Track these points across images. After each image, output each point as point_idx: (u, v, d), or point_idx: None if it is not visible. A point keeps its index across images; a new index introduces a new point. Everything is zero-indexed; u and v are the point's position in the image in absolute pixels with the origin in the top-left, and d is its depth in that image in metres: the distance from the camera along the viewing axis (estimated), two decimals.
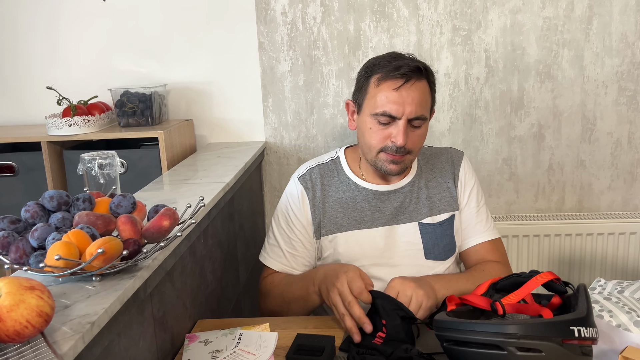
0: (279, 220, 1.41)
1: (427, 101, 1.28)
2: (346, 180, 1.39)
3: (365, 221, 1.36)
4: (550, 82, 2.04)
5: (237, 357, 1.02)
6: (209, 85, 2.13)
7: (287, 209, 1.40)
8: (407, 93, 1.24)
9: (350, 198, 1.37)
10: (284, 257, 1.39)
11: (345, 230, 1.35)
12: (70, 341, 0.70)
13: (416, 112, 1.24)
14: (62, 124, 1.87)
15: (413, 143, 1.28)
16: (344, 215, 1.36)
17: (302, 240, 1.38)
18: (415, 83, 1.24)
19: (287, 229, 1.39)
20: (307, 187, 1.38)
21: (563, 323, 0.83)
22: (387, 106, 1.25)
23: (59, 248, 0.80)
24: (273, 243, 1.41)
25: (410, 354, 1.00)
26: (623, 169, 2.10)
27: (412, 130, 1.27)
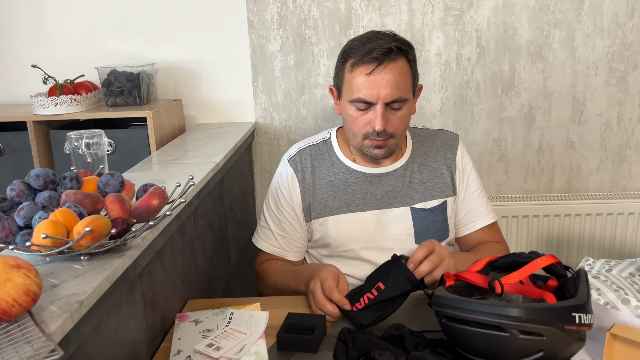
0: (269, 202, 1.41)
1: (405, 81, 1.24)
2: (337, 163, 1.38)
3: (356, 204, 1.34)
4: (541, 62, 2.03)
5: (228, 336, 1.02)
6: (197, 65, 2.11)
7: (277, 192, 1.39)
8: (381, 76, 1.20)
9: (341, 181, 1.36)
10: (275, 239, 1.38)
11: (335, 214, 1.34)
12: (58, 320, 0.69)
13: (392, 95, 1.21)
14: (48, 103, 1.84)
15: (394, 126, 1.26)
16: (334, 198, 1.35)
17: (292, 223, 1.37)
18: (388, 65, 1.21)
19: (277, 212, 1.38)
20: (297, 170, 1.37)
21: (566, 309, 0.83)
22: (361, 92, 1.22)
23: (45, 227, 0.79)
24: (264, 225, 1.41)
25: (402, 332, 1.00)
26: (612, 150, 2.11)
27: (392, 113, 1.24)
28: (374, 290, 1.11)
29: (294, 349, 1.01)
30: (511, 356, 0.85)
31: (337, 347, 0.99)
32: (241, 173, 1.99)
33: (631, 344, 0.89)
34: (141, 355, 1.00)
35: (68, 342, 0.73)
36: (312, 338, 1.00)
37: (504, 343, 0.83)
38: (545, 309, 0.83)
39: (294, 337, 1.01)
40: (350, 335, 1.00)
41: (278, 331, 1.03)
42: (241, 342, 0.99)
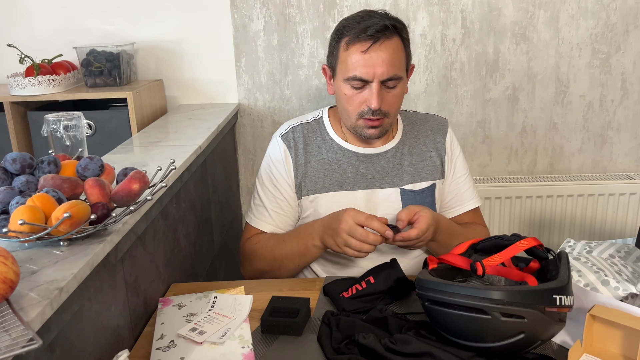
0: (262, 180, 1.39)
1: (400, 59, 1.24)
2: (329, 141, 1.37)
3: (347, 183, 1.35)
4: (525, 44, 2.03)
5: (212, 320, 1.01)
6: (179, 44, 2.07)
7: (270, 168, 1.37)
8: (377, 54, 1.20)
9: (332, 159, 1.35)
10: (270, 217, 1.36)
11: (326, 191, 1.34)
12: (37, 307, 0.68)
13: (388, 73, 1.21)
14: (25, 84, 1.80)
15: (389, 105, 1.26)
16: (325, 176, 1.35)
17: (288, 199, 1.36)
18: (384, 42, 1.21)
19: (273, 188, 1.36)
20: (290, 146, 1.36)
21: (547, 291, 0.84)
22: (357, 70, 1.22)
23: (23, 212, 0.77)
24: (258, 204, 1.39)
25: (385, 314, 1.01)
26: (594, 131, 2.13)
27: (387, 91, 1.25)
28: (364, 283, 1.13)
29: (278, 332, 1.01)
30: (493, 338, 0.86)
31: (321, 330, 1.00)
32: (225, 155, 1.97)
33: (610, 325, 0.91)
34: (124, 340, 1.00)
35: (48, 329, 0.72)
36: (296, 321, 1.00)
37: (486, 325, 0.84)
38: (527, 292, 0.84)
39: (278, 321, 1.01)
40: (334, 318, 1.01)
41: (262, 314, 1.03)
42: (225, 326, 0.99)
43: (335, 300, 1.11)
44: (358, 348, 0.92)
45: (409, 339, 0.90)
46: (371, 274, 1.15)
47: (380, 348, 0.89)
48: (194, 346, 0.94)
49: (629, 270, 1.09)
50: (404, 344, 0.90)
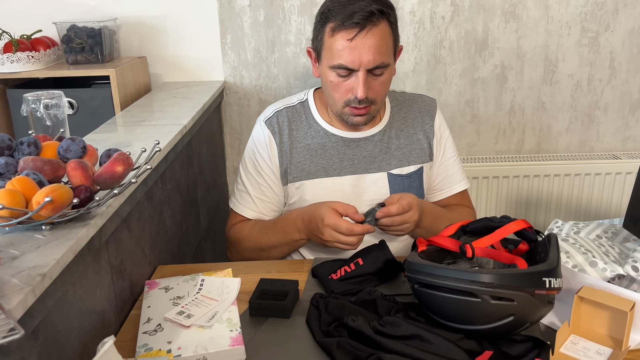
0: (246, 166, 1.36)
1: (387, 46, 1.19)
2: (315, 126, 1.34)
3: (333, 169, 1.32)
4: (515, 22, 2.01)
5: (200, 303, 1.00)
6: (162, 20, 2.01)
7: (254, 154, 1.34)
8: (363, 42, 1.16)
9: (318, 144, 1.32)
10: (254, 203, 1.35)
11: (312, 178, 1.32)
12: (19, 294, 0.66)
13: (375, 61, 1.17)
14: (3, 60, 1.74)
15: (376, 92, 1.23)
16: (311, 162, 1.32)
17: (272, 186, 1.34)
18: (371, 29, 1.16)
19: (256, 175, 1.34)
20: (274, 131, 1.33)
21: (536, 274, 0.84)
22: (342, 58, 1.18)
23: (2, 196, 0.75)
24: (242, 189, 1.36)
25: (374, 296, 1.00)
26: (581, 111, 2.13)
27: (373, 78, 1.21)
28: (352, 265, 1.12)
29: (266, 314, 1.00)
30: (482, 321, 0.85)
31: (310, 312, 0.99)
32: (210, 134, 1.94)
33: (597, 306, 0.91)
34: (110, 324, 0.98)
35: (30, 316, 0.70)
36: (284, 304, 0.99)
37: (476, 308, 0.84)
38: (517, 275, 0.84)
39: (267, 303, 1.00)
40: (323, 301, 1.00)
41: (250, 297, 1.02)
42: (213, 309, 0.98)
43: (323, 282, 1.11)
44: (347, 330, 0.92)
45: (398, 321, 0.90)
46: (360, 255, 1.15)
47: (370, 331, 0.89)
48: (182, 330, 0.93)
49: (616, 251, 1.09)
50: (393, 326, 0.89)
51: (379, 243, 1.17)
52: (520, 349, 0.86)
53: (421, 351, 0.84)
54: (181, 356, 0.86)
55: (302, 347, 0.92)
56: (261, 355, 0.90)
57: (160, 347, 0.89)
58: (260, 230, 1.31)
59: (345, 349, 0.88)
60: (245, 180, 1.36)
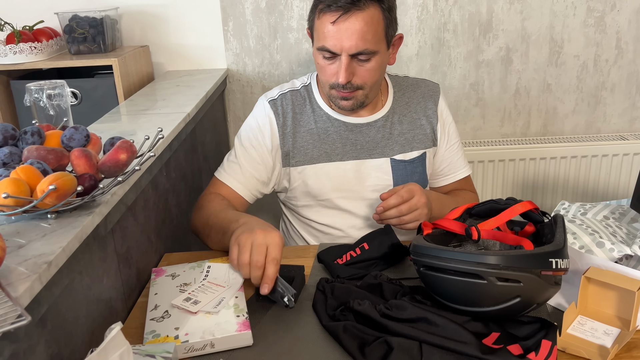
0: (242, 140, 1.33)
1: (374, 32, 1.16)
2: (318, 110, 1.33)
3: (336, 154, 1.31)
4: (519, 3, 1.99)
5: (206, 289, 1.00)
6: (164, 8, 2.00)
7: (252, 129, 1.32)
8: (346, 26, 1.13)
9: (321, 129, 1.31)
10: (242, 175, 1.30)
11: (315, 163, 1.31)
12: (26, 282, 0.67)
13: (357, 47, 1.15)
14: (6, 52, 1.74)
15: (362, 78, 1.20)
16: (314, 147, 1.31)
17: (265, 164, 1.31)
18: (355, 14, 1.13)
19: (251, 150, 1.31)
20: (277, 113, 1.31)
21: (543, 255, 0.84)
22: (326, 41, 1.16)
23: (7, 185, 0.75)
24: (233, 160, 1.32)
25: (380, 280, 1.00)
26: (588, 92, 2.11)
27: (359, 64, 1.19)
28: (358, 249, 1.13)
29: (273, 300, 1.00)
30: (488, 303, 0.85)
31: (316, 297, 0.99)
32: (214, 122, 1.93)
33: (605, 287, 0.91)
34: (117, 312, 0.99)
35: (38, 303, 0.70)
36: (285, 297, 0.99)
37: (482, 290, 0.84)
38: (523, 256, 0.83)
39: (273, 289, 1.00)
40: (329, 285, 1.00)
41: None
42: (219, 295, 0.98)
43: (329, 267, 1.11)
44: (353, 314, 0.92)
45: (404, 304, 0.90)
46: (365, 240, 1.15)
47: (376, 314, 0.89)
48: (189, 316, 0.93)
49: (623, 231, 1.08)
50: (399, 309, 0.89)
51: (384, 228, 1.16)
52: (528, 331, 0.86)
53: (428, 334, 0.84)
54: (189, 342, 0.87)
55: (309, 332, 0.92)
56: (268, 340, 0.91)
57: (167, 333, 0.89)
58: (220, 209, 1.21)
59: (352, 332, 0.88)
60: (239, 152, 1.31)
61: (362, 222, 1.33)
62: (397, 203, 1.15)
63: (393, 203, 1.15)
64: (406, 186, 1.17)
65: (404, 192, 1.16)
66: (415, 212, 1.16)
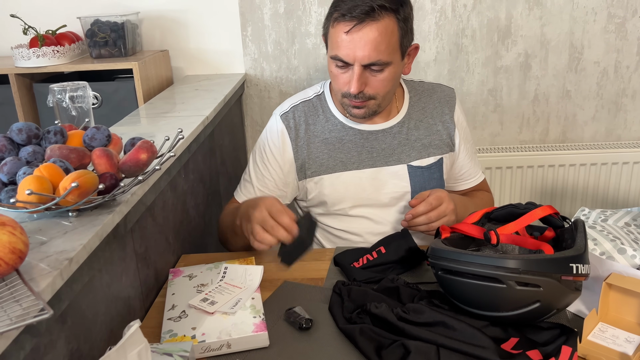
0: (255, 156, 1.35)
1: (387, 43, 1.14)
2: (332, 119, 1.31)
3: (351, 162, 1.30)
4: (538, 9, 1.97)
5: (223, 290, 1.01)
6: (184, 14, 2.03)
7: (264, 146, 1.33)
8: (359, 37, 1.12)
9: (336, 138, 1.30)
10: (254, 194, 1.32)
11: (331, 172, 1.30)
12: (47, 278, 0.68)
13: (370, 58, 1.13)
14: (29, 55, 1.77)
15: (374, 88, 1.19)
16: (329, 157, 1.30)
17: (276, 180, 1.31)
18: (369, 24, 1.12)
19: (262, 167, 1.32)
20: (289, 126, 1.30)
21: (563, 260, 0.83)
22: (339, 50, 1.15)
23: (30, 182, 0.76)
24: (247, 179, 1.35)
25: (397, 284, 1.00)
26: (608, 99, 2.08)
27: (372, 75, 1.18)
28: (375, 253, 1.12)
29: (294, 255, 1.03)
30: (508, 307, 0.84)
31: (333, 299, 0.99)
32: (232, 126, 1.95)
33: (626, 293, 0.89)
34: (135, 311, 1.00)
35: (59, 299, 0.71)
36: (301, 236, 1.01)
37: (501, 294, 0.83)
38: (543, 260, 0.83)
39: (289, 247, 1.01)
40: (345, 288, 1.00)
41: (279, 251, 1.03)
42: (236, 296, 0.99)
43: (346, 270, 1.11)
44: (370, 317, 0.92)
45: (422, 308, 0.89)
46: (382, 244, 1.14)
47: (393, 317, 0.88)
48: (206, 316, 0.93)
49: None
50: (416, 313, 0.89)
51: (401, 231, 1.16)
52: (547, 336, 0.85)
53: (445, 337, 0.84)
54: (205, 342, 0.87)
55: (325, 334, 0.92)
56: (284, 341, 0.91)
57: (184, 332, 0.90)
58: (228, 212, 1.28)
59: (369, 335, 0.87)
60: (252, 170, 1.34)
61: (381, 228, 1.32)
62: (426, 210, 1.15)
63: (422, 210, 1.15)
64: (434, 193, 1.17)
65: (433, 199, 1.15)
66: (444, 219, 1.16)
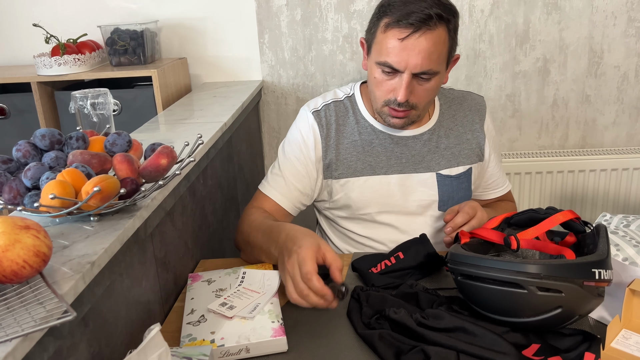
0: (286, 151, 1.31)
1: (439, 53, 1.13)
2: (362, 122, 1.30)
3: (380, 167, 1.28)
4: (557, 13, 1.96)
5: (241, 295, 1.01)
6: (202, 21, 2.05)
7: (297, 142, 1.30)
8: (414, 44, 1.11)
9: (366, 141, 1.29)
10: (286, 187, 1.28)
11: (359, 175, 1.28)
12: (70, 281, 0.68)
13: (422, 67, 1.12)
14: (51, 63, 1.81)
15: (419, 98, 1.18)
16: (358, 160, 1.28)
17: (310, 177, 1.29)
18: (425, 33, 1.10)
19: (296, 162, 1.29)
20: (321, 124, 1.29)
21: (586, 265, 0.81)
22: (390, 57, 1.13)
23: (53, 187, 0.77)
24: (277, 173, 1.30)
25: (416, 289, 0.99)
26: (629, 103, 2.05)
27: (419, 83, 1.16)
28: (393, 259, 1.12)
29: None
30: (529, 313, 0.83)
31: (351, 305, 0.99)
32: (249, 133, 1.96)
33: None
34: (155, 315, 1.00)
35: (81, 302, 0.72)
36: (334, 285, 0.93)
37: (522, 300, 0.82)
38: (565, 265, 0.81)
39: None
40: (364, 294, 1.00)
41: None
42: (254, 301, 0.99)
43: (364, 275, 1.10)
44: (389, 323, 0.91)
45: (441, 313, 0.89)
46: (400, 249, 1.14)
47: (412, 323, 0.88)
48: (224, 321, 0.94)
49: None
50: (436, 318, 0.88)
51: (420, 237, 1.15)
52: (569, 343, 0.84)
53: (465, 343, 0.83)
54: (224, 346, 0.88)
55: (344, 339, 0.92)
56: (303, 346, 0.91)
57: (204, 337, 0.90)
58: (257, 226, 1.19)
59: (388, 340, 0.87)
60: (283, 165, 1.30)
61: (406, 237, 1.28)
62: (465, 221, 1.14)
63: (461, 221, 1.14)
64: (467, 204, 1.17)
65: (468, 209, 1.15)
66: None
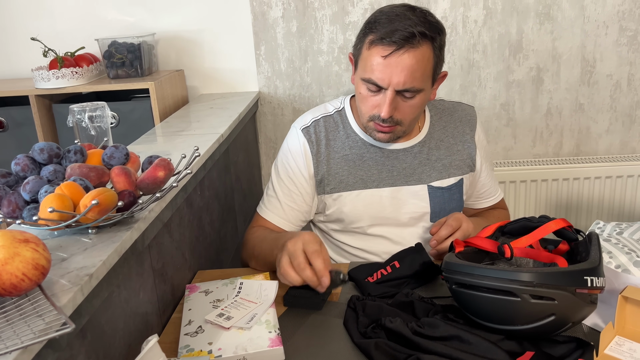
0: (279, 172, 1.33)
1: (423, 70, 1.14)
2: (353, 136, 1.31)
3: (371, 180, 1.29)
4: (549, 23, 1.99)
5: (239, 306, 1.02)
6: (199, 34, 2.07)
7: (288, 161, 1.32)
8: (397, 62, 1.11)
9: (357, 155, 1.30)
10: (282, 209, 1.31)
11: (351, 190, 1.29)
12: (68, 293, 0.69)
13: (405, 84, 1.13)
14: (49, 77, 1.82)
15: (403, 114, 1.19)
16: (349, 174, 1.29)
17: (303, 195, 1.31)
18: (408, 51, 1.11)
19: (288, 182, 1.31)
20: (311, 141, 1.30)
21: (578, 272, 0.83)
22: (374, 74, 1.14)
23: (52, 200, 0.78)
24: (271, 195, 1.33)
25: (411, 298, 1.00)
26: (622, 111, 2.08)
27: (403, 100, 1.17)
28: (389, 268, 1.13)
29: (299, 305, 1.03)
30: (523, 320, 0.84)
31: (347, 314, 1.00)
32: (246, 143, 1.97)
33: None
34: (153, 327, 1.01)
35: (79, 314, 0.73)
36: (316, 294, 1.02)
37: (516, 308, 0.83)
38: (557, 273, 0.83)
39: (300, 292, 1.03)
40: (360, 303, 1.01)
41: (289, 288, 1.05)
42: (252, 311, 1.00)
43: (360, 285, 1.11)
44: (385, 332, 0.92)
45: (437, 322, 0.90)
46: (396, 258, 1.15)
47: (408, 332, 0.89)
48: (222, 331, 0.94)
49: None
50: (431, 327, 0.89)
51: (415, 246, 1.16)
52: (563, 350, 0.85)
53: (460, 352, 0.84)
54: (222, 357, 0.88)
55: (340, 348, 0.93)
56: (300, 356, 0.91)
57: (201, 347, 0.91)
58: (262, 238, 1.24)
59: (384, 349, 0.88)
60: (277, 186, 1.32)
61: (398, 248, 1.29)
62: (449, 233, 1.16)
63: (445, 234, 1.16)
64: (452, 216, 1.19)
65: (452, 221, 1.17)
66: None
